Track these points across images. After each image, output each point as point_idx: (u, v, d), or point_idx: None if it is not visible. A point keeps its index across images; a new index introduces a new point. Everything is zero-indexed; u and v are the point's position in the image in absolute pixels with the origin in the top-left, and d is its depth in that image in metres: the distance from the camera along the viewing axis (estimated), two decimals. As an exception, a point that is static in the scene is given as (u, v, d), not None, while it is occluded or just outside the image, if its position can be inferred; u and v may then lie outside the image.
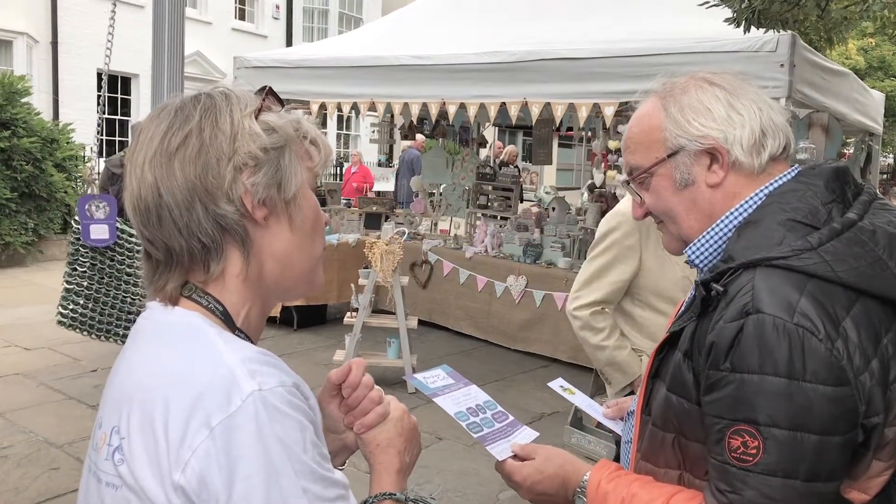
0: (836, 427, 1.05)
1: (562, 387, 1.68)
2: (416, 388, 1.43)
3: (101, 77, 15.00)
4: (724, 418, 1.09)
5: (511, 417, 1.44)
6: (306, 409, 0.94)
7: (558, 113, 5.88)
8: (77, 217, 3.97)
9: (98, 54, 11.78)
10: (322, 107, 7.22)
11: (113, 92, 15.86)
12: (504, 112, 6.30)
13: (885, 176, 18.80)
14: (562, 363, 6.51)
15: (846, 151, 10.09)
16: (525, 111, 6.16)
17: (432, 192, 9.20)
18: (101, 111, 3.93)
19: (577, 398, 1.67)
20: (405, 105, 6.74)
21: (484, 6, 7.36)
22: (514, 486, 1.35)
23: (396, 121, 9.36)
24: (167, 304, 1.00)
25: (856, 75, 7.32)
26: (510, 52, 6.04)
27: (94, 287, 4.04)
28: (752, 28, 4.42)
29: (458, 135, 9.43)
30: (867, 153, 7.78)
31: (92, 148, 4.21)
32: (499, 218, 8.06)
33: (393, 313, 5.87)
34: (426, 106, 6.60)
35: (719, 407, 1.10)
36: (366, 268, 5.94)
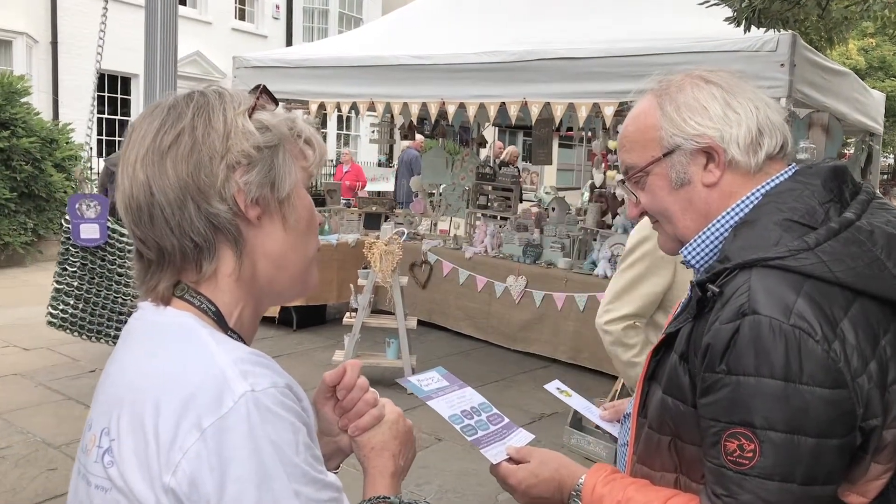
0: (834, 430, 1.04)
1: (558, 389, 1.66)
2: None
3: (103, 76, 15.23)
4: (719, 421, 1.08)
5: (506, 420, 1.42)
6: (299, 410, 0.93)
7: (558, 113, 5.87)
8: (68, 216, 3.92)
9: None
10: (321, 107, 7.21)
11: (113, 92, 15.86)
12: (504, 112, 6.28)
13: (886, 176, 18.81)
14: (562, 363, 6.50)
15: (846, 151, 10.09)
16: (525, 111, 6.15)
17: (432, 192, 9.18)
18: (92, 110, 3.91)
19: (574, 400, 1.65)
20: (404, 105, 6.72)
21: (484, 6, 7.34)
22: (509, 490, 1.34)
23: (396, 121, 9.35)
24: (159, 304, 0.99)
25: (856, 75, 7.30)
26: (510, 52, 6.02)
27: (84, 287, 4.01)
28: (753, 27, 4.41)
29: (459, 135, 9.41)
30: (868, 153, 7.77)
31: (83, 146, 4.17)
32: (498, 218, 8.05)
33: (392, 313, 5.86)
34: (425, 106, 6.59)
35: (715, 410, 1.08)
36: (365, 268, 5.93)
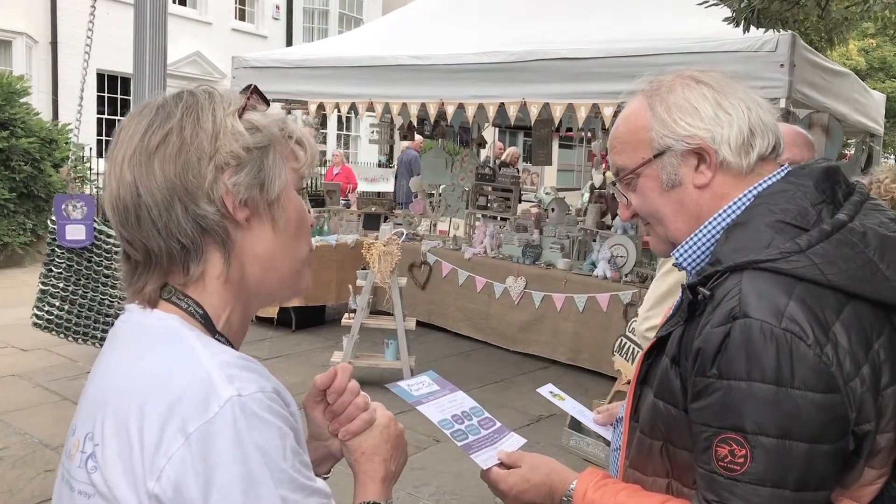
0: (826, 435, 1.03)
1: (551, 392, 1.65)
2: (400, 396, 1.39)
3: (103, 76, 15.23)
4: (711, 426, 1.06)
5: (498, 424, 1.41)
6: (287, 415, 0.92)
7: (557, 113, 5.86)
8: (54, 217, 3.90)
9: (98, 54, 11.67)
10: (320, 107, 7.20)
11: (113, 92, 15.87)
12: (503, 112, 6.27)
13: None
14: (561, 364, 6.49)
15: (847, 152, 10.07)
16: (524, 112, 6.14)
17: (431, 192, 9.17)
18: (79, 110, 3.89)
19: (567, 404, 1.64)
20: (403, 105, 6.72)
21: (484, 6, 7.33)
22: (500, 496, 1.33)
23: (395, 121, 9.33)
24: (145, 306, 0.98)
25: (857, 76, 7.29)
26: (509, 53, 6.01)
27: (70, 289, 3.97)
28: (752, 28, 4.39)
29: (459, 135, 9.40)
30: (868, 154, 7.76)
31: (71, 144, 4.13)
32: (498, 219, 8.04)
33: (391, 314, 5.85)
34: (424, 106, 6.58)
35: (706, 414, 1.07)
36: (364, 269, 5.92)
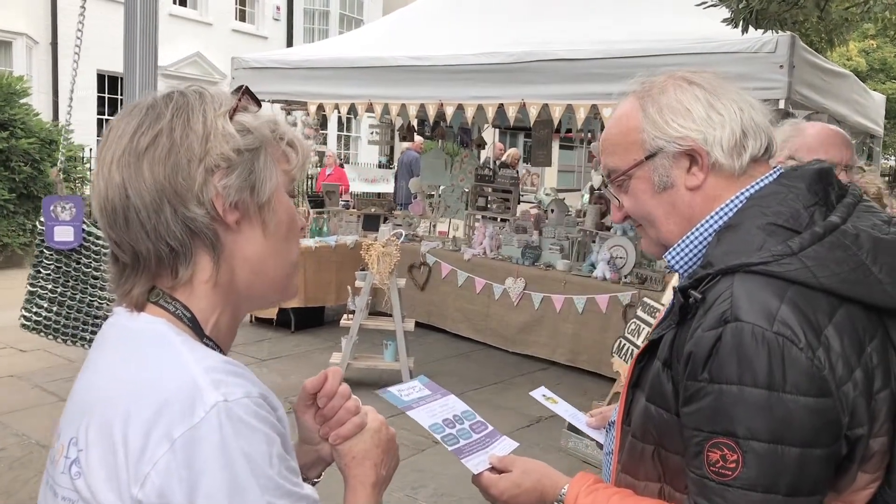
0: (818, 439, 1.02)
1: (544, 395, 1.64)
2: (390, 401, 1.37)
3: (102, 76, 15.27)
4: (702, 431, 1.05)
5: (490, 427, 1.40)
6: (274, 421, 0.90)
7: (556, 114, 5.85)
8: (42, 218, 3.88)
9: (98, 55, 11.78)
10: (320, 108, 7.19)
11: (113, 93, 15.90)
12: (502, 113, 6.26)
13: (887, 178, 18.74)
14: (560, 366, 6.48)
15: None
16: (524, 112, 6.13)
17: (431, 193, 9.16)
18: (68, 111, 3.87)
19: (560, 407, 1.63)
20: (402, 106, 6.71)
21: (484, 6, 7.32)
22: (491, 500, 1.31)
23: (395, 122, 9.32)
24: (133, 309, 0.97)
25: (857, 77, 7.28)
26: (508, 53, 6.00)
27: (59, 290, 3.96)
28: (751, 28, 4.38)
29: (459, 136, 9.40)
30: (868, 155, 7.75)
31: (61, 146, 4.10)
32: (498, 220, 8.03)
33: (390, 315, 5.84)
34: (423, 107, 6.57)
35: (697, 419, 1.06)
36: (362, 270, 5.91)
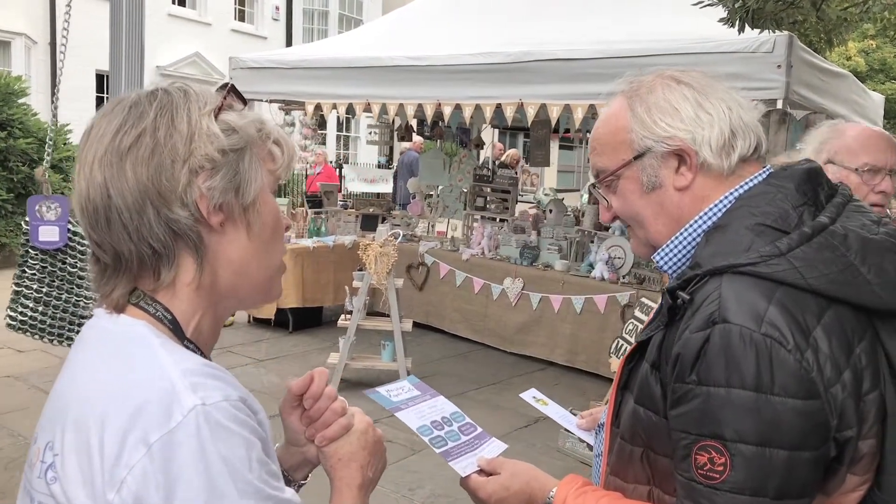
0: (807, 442, 1.01)
1: (534, 397, 1.63)
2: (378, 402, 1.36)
3: (102, 77, 15.26)
4: (690, 433, 1.04)
5: (479, 429, 1.39)
6: (254, 424, 0.89)
7: (554, 114, 5.83)
8: (27, 218, 3.86)
9: (97, 55, 11.76)
10: (317, 108, 7.18)
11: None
12: (500, 113, 6.24)
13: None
14: (558, 366, 6.47)
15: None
16: (522, 112, 6.12)
17: (429, 193, 9.15)
18: (53, 112, 3.87)
19: (550, 409, 1.62)
20: (400, 106, 6.69)
21: (483, 6, 7.30)
22: (479, 503, 1.31)
23: (393, 122, 9.31)
24: (113, 311, 0.95)
25: (856, 77, 7.26)
26: (506, 53, 5.99)
27: (44, 290, 3.94)
28: (747, 28, 4.36)
29: (458, 136, 9.39)
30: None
31: (47, 145, 4.08)
32: (496, 220, 8.02)
33: (388, 315, 5.83)
34: (421, 107, 6.55)
35: (685, 421, 1.05)
36: (360, 270, 5.90)
